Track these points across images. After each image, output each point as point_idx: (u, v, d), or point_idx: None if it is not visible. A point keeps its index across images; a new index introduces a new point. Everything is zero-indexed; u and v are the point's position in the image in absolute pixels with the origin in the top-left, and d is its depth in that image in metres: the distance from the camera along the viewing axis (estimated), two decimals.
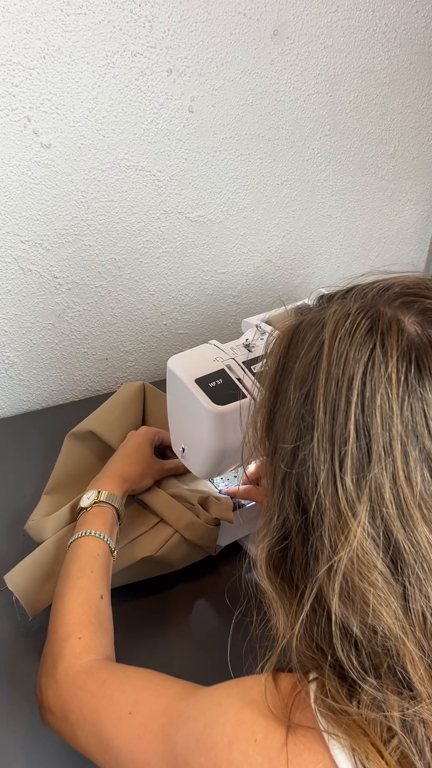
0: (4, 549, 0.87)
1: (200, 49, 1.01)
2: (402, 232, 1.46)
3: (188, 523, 0.78)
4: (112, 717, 0.52)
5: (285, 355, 0.47)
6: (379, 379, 0.40)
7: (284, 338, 0.48)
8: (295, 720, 0.43)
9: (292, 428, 0.44)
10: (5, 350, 1.10)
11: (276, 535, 0.46)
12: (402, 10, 1.17)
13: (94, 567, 0.67)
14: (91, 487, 0.77)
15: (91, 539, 0.69)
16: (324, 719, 0.42)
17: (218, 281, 1.25)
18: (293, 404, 0.44)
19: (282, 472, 0.45)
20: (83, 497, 0.75)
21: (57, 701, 0.57)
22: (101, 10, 0.91)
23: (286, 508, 0.45)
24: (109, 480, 0.77)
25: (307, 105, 1.16)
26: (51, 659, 0.60)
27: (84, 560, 0.67)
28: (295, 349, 0.46)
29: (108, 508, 0.74)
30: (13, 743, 0.66)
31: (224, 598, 0.81)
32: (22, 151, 0.95)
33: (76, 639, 0.60)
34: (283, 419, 0.46)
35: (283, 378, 0.46)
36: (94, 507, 0.73)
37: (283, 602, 0.47)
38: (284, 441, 0.45)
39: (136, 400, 0.93)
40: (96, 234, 1.07)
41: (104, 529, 0.71)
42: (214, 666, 0.73)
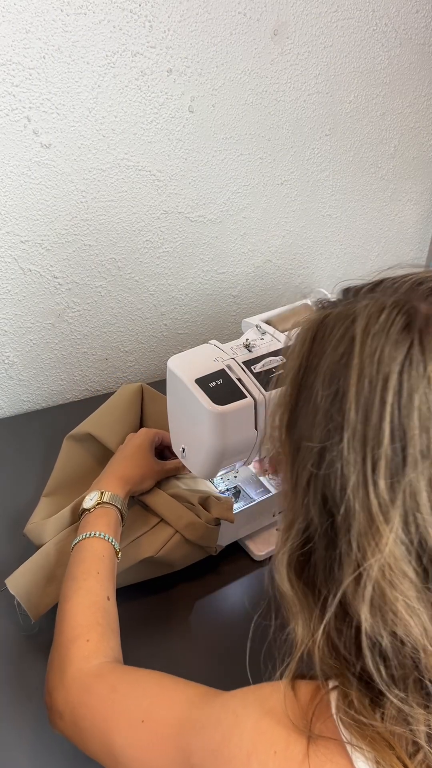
0: (4, 548, 0.87)
1: (200, 49, 1.01)
2: (402, 232, 1.46)
3: (189, 523, 0.78)
4: (123, 725, 0.51)
5: (310, 350, 0.44)
6: (418, 378, 0.38)
7: (308, 332, 0.45)
8: (316, 731, 0.42)
9: (319, 427, 0.42)
10: (5, 350, 1.10)
11: (299, 538, 0.44)
12: (402, 10, 1.17)
13: (99, 568, 0.66)
14: (93, 488, 0.77)
15: (95, 540, 0.69)
16: (347, 730, 0.41)
17: (218, 281, 1.25)
18: (321, 402, 0.42)
19: (307, 473, 0.43)
20: (86, 499, 0.74)
21: (66, 706, 0.56)
22: (101, 10, 0.91)
23: (311, 510, 0.43)
24: (111, 481, 0.77)
25: (307, 105, 1.16)
26: (59, 662, 0.59)
27: (89, 562, 0.67)
28: (321, 345, 0.43)
29: (111, 509, 0.73)
30: (16, 743, 0.66)
31: (225, 597, 0.81)
32: (22, 151, 0.95)
33: (84, 641, 0.59)
34: (308, 418, 0.43)
35: (307, 374, 0.44)
36: (98, 508, 0.73)
37: (304, 607, 0.45)
38: (310, 440, 0.42)
39: (134, 402, 0.93)
40: (96, 234, 1.07)
41: (108, 530, 0.70)
42: (215, 666, 0.73)
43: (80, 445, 0.90)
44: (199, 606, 0.80)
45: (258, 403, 0.70)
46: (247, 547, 0.86)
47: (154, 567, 0.79)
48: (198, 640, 0.77)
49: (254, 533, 0.87)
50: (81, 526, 0.72)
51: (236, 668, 0.73)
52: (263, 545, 0.86)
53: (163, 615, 0.79)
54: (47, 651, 0.73)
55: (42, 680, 0.70)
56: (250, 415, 0.70)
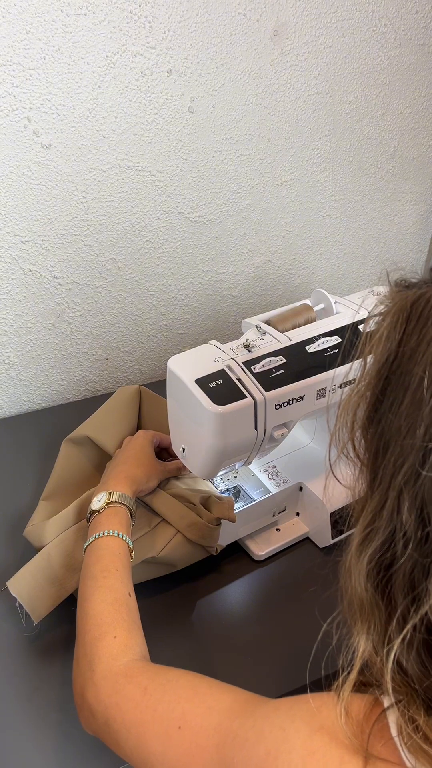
0: (4, 548, 0.87)
1: (200, 49, 1.01)
2: (402, 232, 1.46)
3: (190, 523, 0.78)
4: (158, 731, 0.49)
5: (404, 333, 0.39)
6: None
7: (400, 314, 0.40)
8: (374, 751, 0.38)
9: (425, 423, 0.37)
10: (5, 350, 1.10)
11: (383, 543, 0.40)
12: (402, 10, 1.17)
13: (118, 565, 0.65)
14: (99, 490, 0.75)
15: (110, 539, 0.67)
16: (412, 755, 0.37)
17: (218, 281, 1.25)
18: (427, 394, 0.37)
19: (403, 475, 0.38)
20: (93, 500, 0.73)
21: (98, 706, 0.54)
22: (101, 10, 0.91)
23: (403, 516, 0.38)
24: (118, 481, 0.75)
25: (306, 105, 1.16)
26: (86, 661, 0.57)
27: (107, 559, 0.65)
28: (420, 328, 0.39)
29: (121, 507, 0.72)
30: (19, 743, 0.66)
31: (227, 597, 0.81)
32: (23, 151, 0.95)
33: (111, 638, 0.57)
34: (405, 412, 0.38)
35: (403, 362, 0.39)
36: (107, 508, 0.71)
37: (376, 619, 0.41)
38: (411, 437, 0.38)
39: (132, 405, 0.93)
40: (96, 234, 1.07)
41: (121, 528, 0.69)
42: (218, 665, 0.73)
43: (78, 449, 0.90)
44: (200, 606, 0.81)
45: (258, 404, 0.70)
46: (247, 547, 0.86)
47: (156, 567, 0.79)
48: (200, 640, 0.77)
49: (254, 533, 0.87)
50: (92, 528, 0.70)
51: (239, 667, 0.74)
52: (263, 545, 0.86)
53: (165, 615, 0.79)
54: (50, 652, 0.74)
55: (44, 681, 0.71)
56: (250, 415, 0.70)
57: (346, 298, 0.85)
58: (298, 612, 0.79)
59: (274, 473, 0.89)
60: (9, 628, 0.77)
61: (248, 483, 0.89)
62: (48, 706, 0.69)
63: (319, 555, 0.86)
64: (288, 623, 0.78)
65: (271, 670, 0.73)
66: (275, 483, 0.87)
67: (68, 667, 0.62)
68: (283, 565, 0.85)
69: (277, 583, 0.83)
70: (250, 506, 0.84)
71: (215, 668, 0.73)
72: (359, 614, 0.42)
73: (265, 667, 0.73)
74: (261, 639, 0.76)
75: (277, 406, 0.72)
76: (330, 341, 0.77)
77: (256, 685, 0.70)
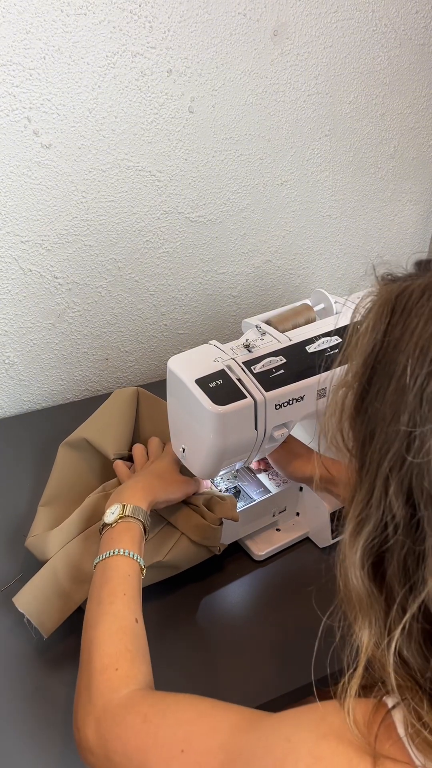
0: (4, 547, 0.87)
1: (200, 49, 1.01)
2: (402, 232, 1.46)
3: (195, 525, 0.78)
4: (161, 757, 0.47)
5: (389, 324, 0.41)
6: None
7: (385, 305, 0.42)
8: (382, 751, 0.38)
9: (408, 410, 0.38)
10: (5, 350, 1.10)
11: (375, 531, 0.40)
12: (402, 10, 1.17)
13: (126, 589, 0.63)
14: (113, 500, 0.73)
15: (120, 559, 0.65)
16: (421, 753, 0.37)
17: (218, 281, 1.25)
18: (411, 381, 0.38)
19: (389, 461, 0.39)
20: (107, 512, 0.71)
21: (98, 740, 0.52)
22: (101, 10, 0.91)
23: (392, 502, 0.39)
24: (134, 492, 0.73)
25: (306, 105, 1.16)
26: (87, 694, 0.56)
27: (115, 582, 0.64)
28: (404, 319, 0.40)
29: (134, 522, 0.69)
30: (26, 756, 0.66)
31: (230, 596, 0.81)
32: (23, 151, 0.95)
33: (112, 671, 0.56)
34: (390, 399, 0.39)
35: (388, 352, 0.40)
36: (120, 522, 0.69)
37: (374, 609, 0.41)
38: (396, 423, 0.38)
39: (129, 406, 0.92)
40: (96, 234, 1.07)
41: (132, 546, 0.67)
42: (223, 665, 0.73)
43: (76, 452, 0.89)
44: (201, 606, 0.81)
45: (258, 404, 0.70)
46: (248, 547, 0.86)
47: (160, 571, 0.79)
48: (200, 640, 0.77)
49: (254, 533, 0.87)
50: (103, 543, 0.68)
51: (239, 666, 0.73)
52: (263, 545, 0.86)
53: (165, 615, 0.79)
54: (60, 664, 0.73)
55: (54, 695, 0.70)
56: (250, 415, 0.70)
57: (347, 298, 0.85)
58: (298, 612, 0.79)
59: (274, 473, 0.89)
60: (16, 641, 0.76)
61: (248, 483, 0.89)
62: (56, 719, 0.69)
63: (319, 555, 0.86)
64: (288, 623, 0.78)
65: (271, 670, 0.73)
66: (275, 483, 0.87)
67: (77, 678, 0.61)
68: (283, 565, 0.85)
69: (277, 583, 0.83)
70: (250, 506, 0.84)
71: (215, 668, 0.73)
72: (358, 607, 0.42)
73: (265, 666, 0.73)
74: (261, 639, 0.76)
75: (277, 406, 0.72)
76: (330, 341, 0.77)
77: (256, 684, 0.71)
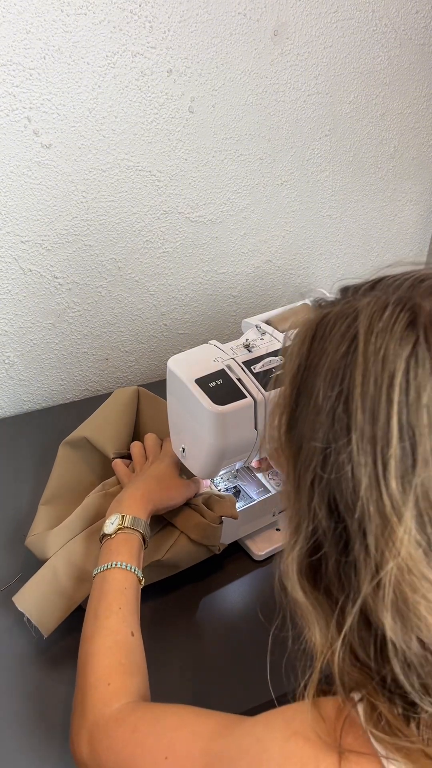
0: (5, 547, 0.87)
1: (200, 49, 1.01)
2: (402, 232, 1.46)
3: (195, 524, 0.78)
4: (147, 764, 0.49)
5: (309, 350, 0.43)
6: (425, 376, 0.37)
7: (308, 331, 0.44)
8: (346, 746, 0.40)
9: (323, 428, 0.41)
10: (5, 350, 1.10)
11: (307, 543, 0.43)
12: (402, 10, 1.17)
13: (122, 603, 0.64)
14: (113, 509, 0.73)
15: (117, 572, 0.66)
16: (380, 744, 0.39)
17: (218, 281, 1.25)
18: (323, 402, 0.41)
19: (311, 474, 0.42)
20: (106, 522, 0.71)
21: (90, 753, 0.54)
22: (101, 10, 0.91)
23: (318, 513, 0.41)
24: (133, 502, 0.73)
25: (307, 105, 1.16)
26: (81, 708, 0.57)
27: (111, 596, 0.64)
28: (321, 344, 0.42)
29: (133, 534, 0.70)
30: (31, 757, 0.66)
31: (230, 596, 0.81)
32: (23, 151, 0.95)
33: (105, 686, 0.57)
34: (309, 418, 0.42)
35: (307, 374, 0.43)
36: (119, 534, 0.69)
37: (320, 616, 0.43)
38: (313, 440, 0.41)
39: (130, 406, 0.92)
40: (96, 234, 1.07)
41: (130, 558, 0.67)
42: (222, 665, 0.73)
43: (76, 452, 0.89)
44: (200, 606, 0.81)
45: (258, 403, 0.70)
46: (247, 547, 0.86)
47: (159, 570, 0.79)
48: (200, 640, 0.77)
49: (254, 533, 0.87)
50: (102, 554, 0.69)
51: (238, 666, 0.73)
52: (263, 545, 0.86)
53: (165, 615, 0.79)
54: (60, 663, 0.73)
55: (54, 694, 0.70)
56: (250, 415, 0.70)
57: None
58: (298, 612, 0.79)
59: (274, 473, 0.89)
60: (16, 640, 0.76)
61: (248, 483, 0.89)
62: (56, 718, 0.69)
63: None
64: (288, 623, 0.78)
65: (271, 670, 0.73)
66: (275, 483, 0.87)
67: None
68: None
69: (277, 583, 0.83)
70: (250, 506, 0.84)
71: (215, 668, 0.73)
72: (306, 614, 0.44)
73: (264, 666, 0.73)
74: (260, 639, 0.76)
75: None
76: None
77: (255, 684, 0.71)
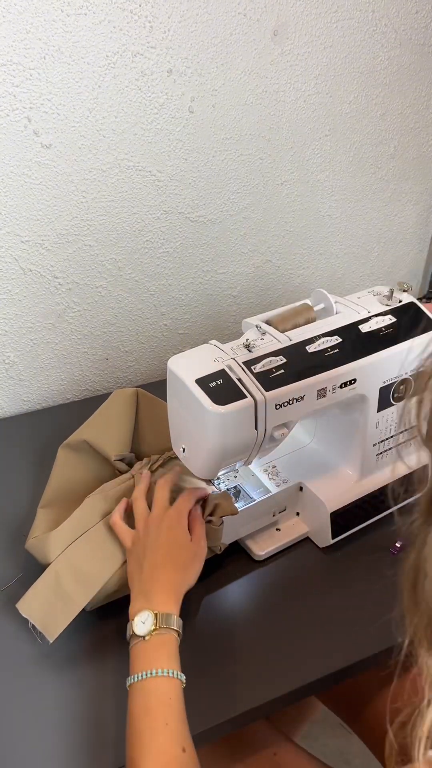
0: (6, 547, 0.87)
1: (200, 49, 1.01)
2: (402, 232, 1.46)
3: None
4: None
5: None
6: None
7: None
8: None
9: None
10: (5, 350, 1.10)
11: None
12: (402, 10, 1.17)
13: (168, 717, 0.57)
14: (140, 604, 0.64)
15: (160, 681, 0.59)
16: None
17: (218, 281, 1.25)
18: None
19: None
20: (135, 621, 0.63)
21: None
22: (101, 10, 0.91)
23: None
24: (163, 594, 0.65)
25: (307, 105, 1.16)
26: None
27: (157, 711, 0.58)
28: None
29: (170, 634, 0.63)
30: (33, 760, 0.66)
31: (230, 596, 0.81)
32: (23, 151, 0.95)
33: None
34: None
35: None
36: (154, 635, 0.62)
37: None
38: None
39: (129, 407, 0.91)
40: (96, 234, 1.07)
41: (171, 663, 0.60)
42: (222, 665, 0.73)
43: (76, 454, 0.88)
44: (200, 606, 0.80)
45: (258, 403, 0.70)
46: (248, 547, 0.86)
47: None
48: (200, 640, 0.77)
49: (254, 533, 0.87)
50: (136, 659, 0.61)
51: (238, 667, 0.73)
52: (263, 545, 0.86)
53: None
54: (65, 668, 0.72)
55: (58, 696, 0.69)
56: (250, 415, 0.70)
57: (347, 298, 0.85)
58: (298, 612, 0.79)
59: (274, 473, 0.89)
60: (17, 642, 0.75)
61: (248, 483, 0.89)
62: (59, 721, 0.68)
63: (319, 555, 0.86)
64: (288, 623, 0.78)
65: (271, 670, 0.73)
66: (275, 483, 0.87)
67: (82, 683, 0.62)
68: (283, 565, 0.85)
69: (277, 583, 0.83)
70: (250, 506, 0.84)
71: (215, 668, 0.73)
72: None
73: (264, 667, 0.73)
74: (261, 639, 0.76)
75: (277, 406, 0.72)
76: (330, 341, 0.77)
77: (254, 684, 0.71)
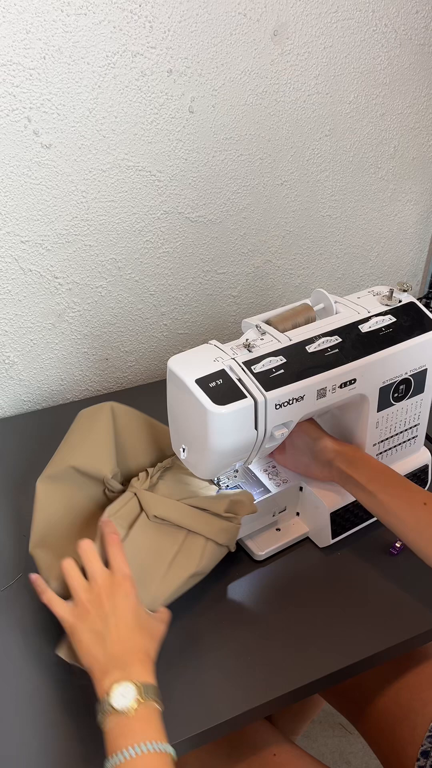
0: (4, 547, 0.87)
1: (200, 49, 1.01)
2: (402, 232, 1.46)
3: (221, 529, 0.77)
4: None
5: None
6: None
7: None
8: None
9: None
10: (5, 350, 1.10)
11: None
12: (402, 10, 1.17)
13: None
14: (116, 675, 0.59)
15: (151, 758, 0.54)
16: None
17: (218, 281, 1.25)
18: None
19: None
20: (115, 696, 0.57)
21: None
22: (101, 10, 0.91)
23: None
24: (138, 663, 0.61)
25: (307, 105, 1.16)
26: None
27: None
28: None
29: (152, 704, 0.58)
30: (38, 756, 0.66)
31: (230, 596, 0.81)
32: (23, 151, 0.95)
33: None
34: None
35: None
36: (139, 709, 0.57)
37: None
38: None
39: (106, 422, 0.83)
40: (96, 234, 1.07)
41: (159, 734, 0.56)
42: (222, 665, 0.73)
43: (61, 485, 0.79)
44: (200, 606, 0.80)
45: (258, 403, 0.70)
46: (248, 547, 0.86)
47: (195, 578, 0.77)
48: (199, 640, 0.77)
49: (254, 533, 0.87)
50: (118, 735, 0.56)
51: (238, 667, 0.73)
52: (263, 545, 0.86)
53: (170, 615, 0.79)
54: (65, 668, 0.71)
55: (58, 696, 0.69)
56: (250, 415, 0.70)
57: (346, 298, 0.85)
58: (297, 612, 0.79)
59: (274, 473, 0.89)
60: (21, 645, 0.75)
61: (248, 483, 0.89)
62: (60, 720, 0.69)
63: (319, 555, 0.86)
64: (288, 623, 0.78)
65: (271, 671, 0.73)
66: (275, 483, 0.87)
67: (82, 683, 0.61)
68: (283, 565, 0.85)
69: (277, 583, 0.83)
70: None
71: (215, 668, 0.73)
72: None
73: (264, 667, 0.73)
74: (261, 639, 0.76)
75: (277, 406, 0.72)
76: (330, 341, 0.77)
77: (254, 685, 0.71)
